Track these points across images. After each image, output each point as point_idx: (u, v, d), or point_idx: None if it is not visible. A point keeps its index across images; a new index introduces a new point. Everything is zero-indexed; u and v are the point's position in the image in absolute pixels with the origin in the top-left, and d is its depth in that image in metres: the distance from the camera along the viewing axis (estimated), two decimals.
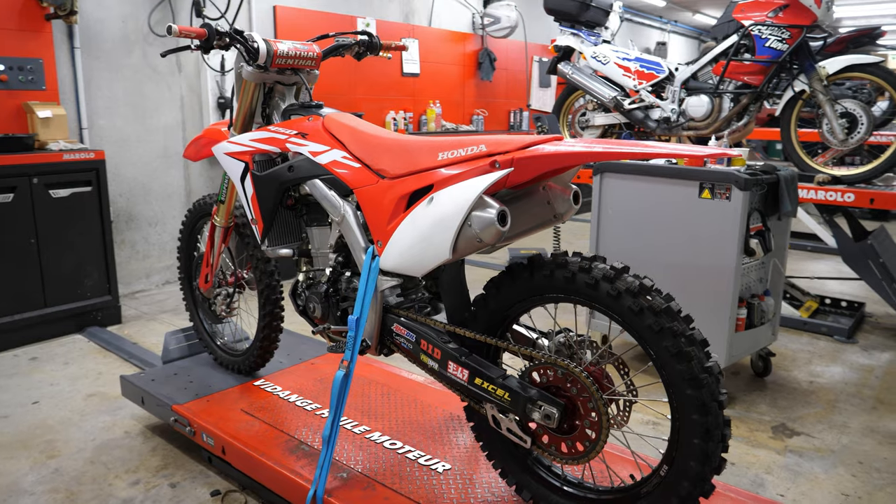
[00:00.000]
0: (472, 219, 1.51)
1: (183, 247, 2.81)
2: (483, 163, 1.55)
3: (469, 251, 1.57)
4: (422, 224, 1.63)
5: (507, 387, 1.60)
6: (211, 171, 5.06)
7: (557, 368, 1.55)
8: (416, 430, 2.20)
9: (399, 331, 1.82)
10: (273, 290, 2.43)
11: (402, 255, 1.70)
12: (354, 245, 1.87)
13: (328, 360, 2.83)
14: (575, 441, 1.57)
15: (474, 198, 1.49)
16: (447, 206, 1.56)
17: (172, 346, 2.84)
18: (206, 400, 2.42)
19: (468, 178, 1.56)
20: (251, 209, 2.09)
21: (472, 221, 1.51)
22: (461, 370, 1.68)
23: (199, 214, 2.69)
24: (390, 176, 1.76)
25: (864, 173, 3.84)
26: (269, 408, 2.35)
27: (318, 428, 2.20)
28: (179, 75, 4.77)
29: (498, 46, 7.71)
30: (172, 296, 4.60)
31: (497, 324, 1.70)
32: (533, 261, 1.61)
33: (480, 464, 1.99)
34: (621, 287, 1.46)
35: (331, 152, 1.90)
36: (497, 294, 1.66)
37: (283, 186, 2.01)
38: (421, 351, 1.77)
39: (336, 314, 2.02)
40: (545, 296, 1.60)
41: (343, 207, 1.88)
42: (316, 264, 2.09)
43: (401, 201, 1.72)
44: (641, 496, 1.54)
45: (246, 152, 2.07)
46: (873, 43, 4.03)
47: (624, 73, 4.59)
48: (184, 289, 2.88)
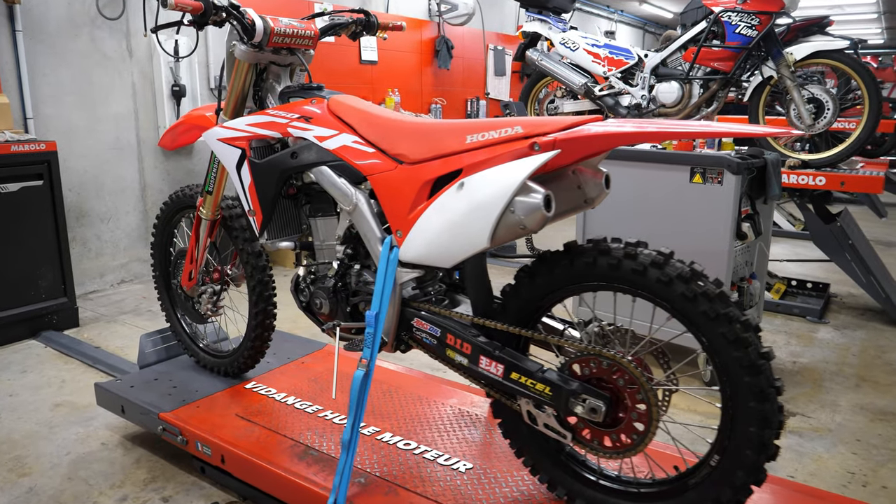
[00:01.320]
0: (514, 204, 1.42)
1: (157, 242, 2.62)
2: (520, 145, 1.46)
3: (508, 239, 1.48)
4: (452, 211, 1.53)
5: (548, 380, 1.52)
6: (167, 163, 4.78)
7: (602, 359, 1.48)
8: (427, 428, 2.10)
9: (420, 325, 1.72)
10: (266, 286, 2.28)
11: (429, 245, 1.59)
12: (369, 236, 1.75)
13: (317, 358, 2.69)
14: (620, 434, 1.51)
15: (519, 182, 1.39)
16: (485, 192, 1.46)
17: (149, 349, 2.64)
18: (196, 406, 2.25)
19: (504, 161, 1.47)
20: (248, 200, 1.93)
21: (516, 207, 1.42)
22: (495, 365, 1.59)
23: (177, 208, 2.50)
24: (410, 161, 1.65)
25: (830, 157, 3.95)
26: (266, 412, 2.21)
27: (323, 431, 2.07)
28: (130, 61, 4.47)
29: (454, 34, 7.60)
30: (129, 296, 4.33)
31: (529, 315, 1.62)
32: (571, 248, 1.53)
33: (503, 460, 1.91)
34: (672, 273, 1.40)
35: (340, 137, 1.77)
36: (531, 283, 1.58)
37: (285, 175, 1.87)
38: (447, 346, 1.67)
39: (346, 310, 1.90)
40: (584, 284, 1.53)
41: (355, 196, 1.75)
42: (319, 257, 1.96)
43: (424, 188, 1.62)
44: (689, 488, 1.50)
45: (242, 138, 1.92)
46: (822, 32, 4.14)
47: (593, 59, 4.57)
48: (158, 288, 2.68)
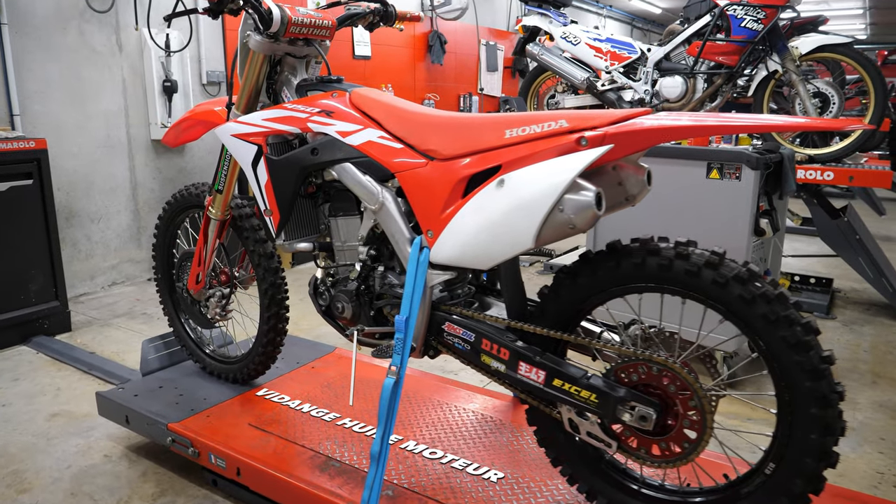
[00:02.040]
0: (564, 202, 1.34)
1: (160, 243, 2.50)
2: (565, 140, 1.38)
3: (554, 239, 1.40)
4: (492, 210, 1.45)
5: (593, 387, 1.45)
6: (158, 161, 4.64)
7: (652, 365, 1.41)
8: (450, 435, 2.02)
9: (452, 330, 1.64)
10: (278, 288, 2.18)
11: (465, 245, 1.51)
12: (397, 236, 1.66)
13: (328, 362, 2.60)
14: (670, 442, 1.44)
15: (570, 179, 1.31)
16: (530, 189, 1.38)
17: (151, 355, 2.52)
18: (206, 415, 2.15)
19: (548, 157, 1.39)
20: (265, 198, 1.83)
21: (565, 205, 1.34)
22: (536, 371, 1.51)
23: (181, 207, 2.39)
24: (442, 157, 1.56)
25: (835, 152, 3.92)
26: (280, 420, 2.11)
27: (344, 440, 1.98)
28: (120, 56, 4.32)
29: (447, 29, 7.51)
30: (122, 298, 4.19)
31: (569, 318, 1.54)
32: (616, 248, 1.46)
33: (534, 468, 1.84)
34: (728, 274, 1.33)
35: (364, 132, 1.68)
36: (572, 285, 1.50)
37: (305, 172, 1.77)
38: (482, 351, 1.59)
39: (369, 314, 1.81)
40: (630, 286, 1.45)
41: (381, 194, 1.66)
42: (340, 259, 1.87)
43: (458, 185, 1.53)
44: (741, 497, 1.43)
45: (259, 133, 1.81)
46: (816, 30, 4.11)
47: (596, 53, 4.51)
48: (161, 291, 2.57)
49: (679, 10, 12.38)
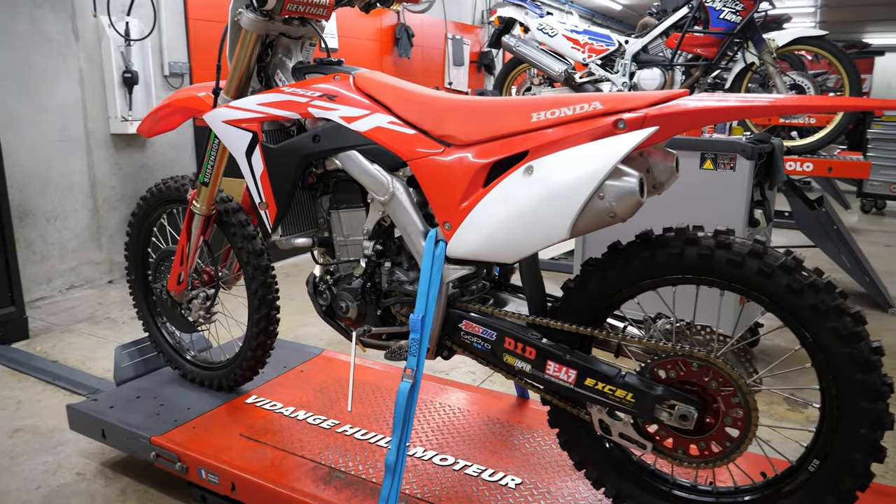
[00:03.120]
0: (605, 189, 1.25)
1: (133, 242, 2.32)
2: (600, 123, 1.29)
3: (590, 229, 1.31)
4: (520, 199, 1.35)
5: (630, 386, 1.36)
6: (118, 156, 4.39)
7: (693, 361, 1.33)
8: (458, 439, 1.92)
9: (470, 328, 1.53)
10: (269, 288, 2.03)
11: (489, 237, 1.40)
12: (409, 229, 1.55)
13: (317, 366, 2.46)
14: (710, 442, 1.37)
15: (613, 163, 1.22)
16: (565, 176, 1.28)
17: (125, 363, 2.34)
18: (192, 427, 1.99)
19: (581, 141, 1.30)
20: (260, 190, 1.69)
21: (606, 192, 1.25)
22: (566, 371, 1.42)
23: (157, 203, 2.22)
24: (461, 143, 1.46)
25: (812, 143, 3.96)
26: (274, 429, 1.97)
27: (346, 449, 1.85)
28: (76, 44, 4.06)
29: (414, 22, 7.38)
30: (82, 302, 3.94)
31: (597, 313, 1.45)
32: (650, 238, 1.37)
33: (550, 472, 1.75)
34: (773, 263, 1.26)
35: (372, 117, 1.56)
36: (602, 277, 1.41)
37: (305, 161, 1.64)
38: (505, 351, 1.49)
39: (376, 314, 1.69)
40: (665, 278, 1.37)
41: (391, 184, 1.55)
42: (341, 255, 1.74)
43: (479, 173, 1.43)
44: (783, 496, 1.37)
45: (253, 119, 1.67)
46: (780, 27, 4.15)
47: (573, 45, 4.46)
48: (134, 293, 2.39)
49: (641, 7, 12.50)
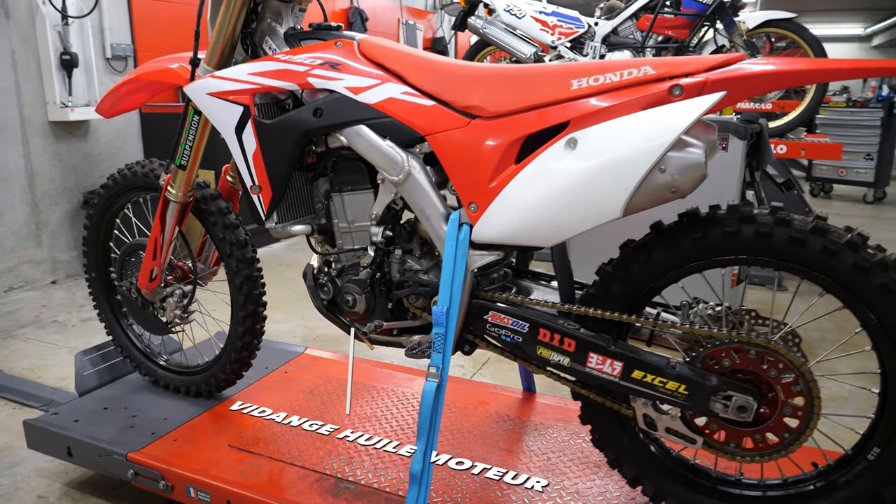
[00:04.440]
0: (667, 161, 1.13)
1: (92, 236, 2.08)
2: (653, 90, 1.17)
3: (645, 206, 1.19)
4: (563, 175, 1.21)
5: (683, 377, 1.25)
6: (58, 146, 4.03)
7: (750, 347, 1.23)
8: (471, 440, 1.78)
9: (498, 320, 1.39)
10: (255, 283, 1.84)
11: (524, 219, 1.27)
12: (428, 211, 1.40)
13: (301, 366, 2.27)
14: (765, 433, 1.27)
15: (678, 132, 1.11)
16: (620, 148, 1.16)
17: (87, 370, 2.10)
18: (173, 439, 1.78)
19: (632, 110, 1.18)
20: (252, 171, 1.51)
21: (668, 165, 1.13)
22: (611, 363, 1.30)
23: (120, 191, 1.98)
24: (489, 115, 1.31)
25: (781, 126, 3.99)
26: (267, 438, 1.78)
27: (350, 456, 1.69)
28: (7, 23, 3.69)
29: (368, 5, 7.15)
30: (24, 305, 3.61)
31: (637, 299, 1.34)
32: (697, 217, 1.27)
33: (577, 471, 1.63)
34: (839, 240, 1.17)
35: (383, 87, 1.40)
36: (647, 261, 1.30)
37: (305, 138, 1.46)
38: (539, 343, 1.36)
39: (386, 307, 1.53)
40: (715, 259, 1.27)
41: (407, 162, 1.39)
42: (344, 243, 1.57)
43: (510, 148, 1.29)
44: (839, 486, 1.29)
45: (245, 92, 1.48)
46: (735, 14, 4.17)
47: (541, 27, 4.35)
48: (95, 293, 2.15)
49: None
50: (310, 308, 3.54)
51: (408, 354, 1.44)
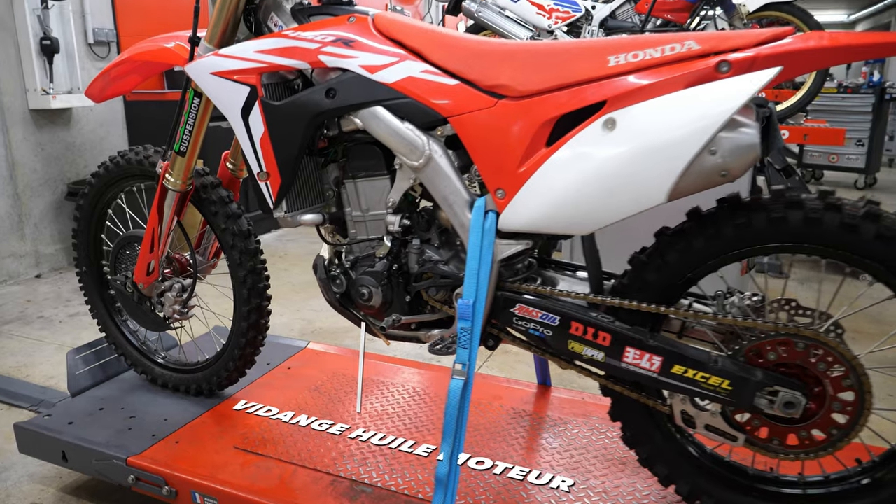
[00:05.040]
0: (718, 143, 1.05)
1: (82, 227, 1.97)
2: (699, 66, 1.09)
3: (691, 190, 1.12)
4: (602, 158, 1.14)
5: (726, 372, 1.19)
6: (40, 135, 3.88)
7: (798, 340, 1.17)
8: (488, 438, 1.71)
9: (526, 313, 1.32)
10: (259, 275, 1.75)
11: (557, 206, 1.19)
12: (451, 198, 1.31)
13: (304, 361, 2.19)
14: (811, 430, 1.21)
15: (732, 111, 1.03)
16: (664, 128, 1.08)
17: (80, 369, 2.00)
18: (174, 441, 1.69)
19: (675, 88, 1.10)
20: (260, 156, 1.41)
21: (720, 146, 1.06)
22: (649, 357, 1.23)
23: (112, 180, 1.87)
24: (517, 94, 1.23)
25: (782, 111, 3.94)
26: (274, 439, 1.70)
27: (364, 457, 1.61)
28: None
29: None
30: (8, 301, 3.47)
31: (673, 289, 1.27)
32: (739, 201, 1.19)
33: (602, 469, 1.57)
34: (893, 226, 1.10)
35: (401, 65, 1.30)
36: (686, 249, 1.22)
37: (317, 120, 1.37)
38: (571, 337, 1.28)
39: (404, 299, 1.44)
40: (759, 247, 1.20)
41: (427, 145, 1.30)
42: (357, 233, 1.48)
43: (541, 130, 1.21)
44: (885, 484, 1.23)
45: (251, 70, 1.38)
46: None
47: (538, 11, 4.26)
48: (86, 288, 2.04)
49: None
50: (306, 300, 3.45)
51: (432, 351, 1.36)
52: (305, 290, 3.61)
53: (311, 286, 3.60)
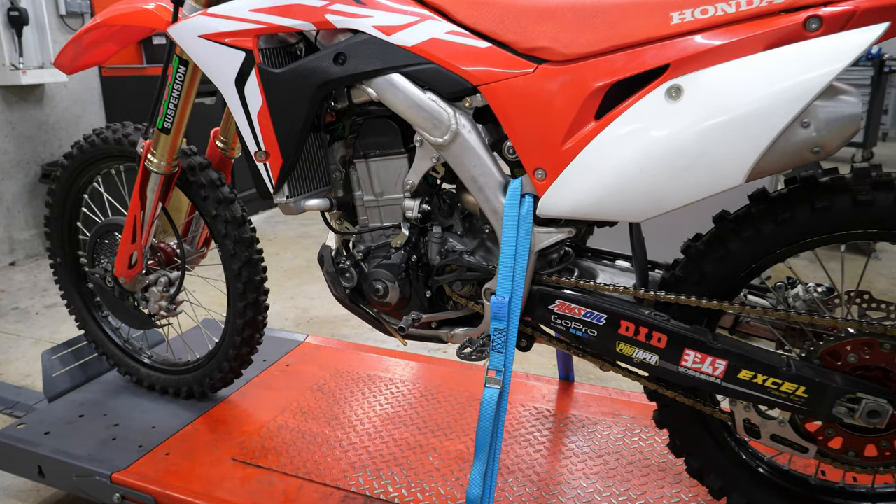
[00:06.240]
0: (812, 113, 0.89)
1: (55, 215, 1.78)
2: (783, 22, 0.92)
3: (773, 171, 0.96)
4: (664, 133, 0.97)
5: (801, 378, 1.04)
6: (10, 113, 3.63)
7: (885, 341, 1.02)
8: (510, 441, 1.56)
9: (567, 311, 1.15)
10: (255, 267, 1.57)
11: (609, 188, 1.03)
12: (482, 180, 1.14)
13: (303, 357, 2.02)
14: (893, 440, 1.07)
15: (830, 77, 0.86)
16: (745, 97, 0.91)
17: (57, 371, 1.81)
18: (165, 453, 1.52)
19: (755, 49, 0.93)
20: (258, 133, 1.23)
21: (814, 117, 0.89)
22: (712, 362, 1.07)
23: (89, 160, 1.68)
24: (561, 59, 1.05)
25: None
26: (276, 449, 1.53)
27: (378, 469, 1.45)
28: None
29: None
30: None
31: (735, 281, 1.11)
32: (815, 181, 1.03)
33: (641, 477, 1.43)
34: None
35: (423, 25, 1.12)
36: (754, 236, 1.07)
37: (324, 90, 1.18)
38: (619, 338, 1.12)
39: (424, 295, 1.28)
40: (838, 234, 1.04)
41: (454, 118, 1.13)
42: (369, 219, 1.31)
43: (590, 100, 1.04)
44: None
45: (246, 32, 1.19)
46: None
47: None
48: (61, 281, 1.85)
49: None
50: (299, 286, 3.27)
51: (461, 356, 1.20)
52: (298, 276, 3.42)
53: (303, 271, 3.43)
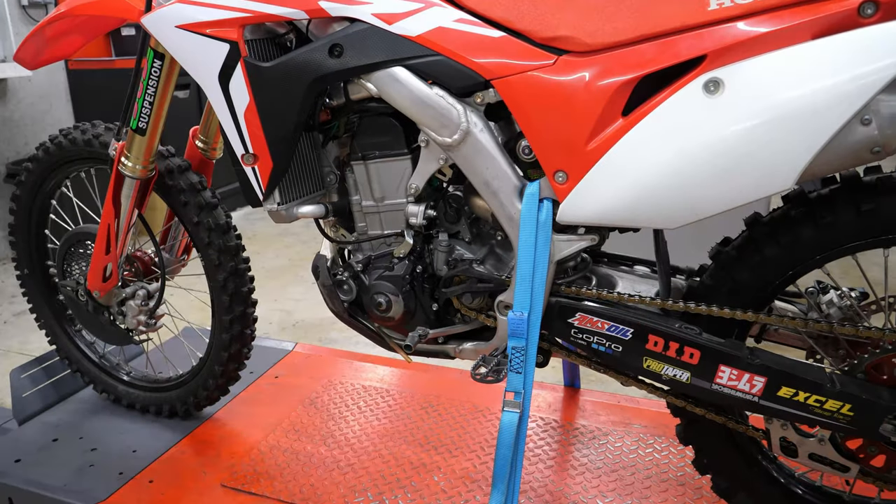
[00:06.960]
0: (875, 109, 0.80)
1: (20, 223, 1.64)
2: (834, 9, 0.84)
3: (825, 173, 0.88)
4: (703, 131, 0.88)
5: (846, 395, 0.96)
6: None
7: None
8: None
9: (589, 324, 1.06)
10: (241, 277, 1.46)
11: (640, 193, 0.94)
12: (495, 183, 1.04)
13: (293, 368, 1.91)
14: None
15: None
16: (794, 92, 0.83)
17: (28, 390, 1.68)
18: (148, 480, 1.41)
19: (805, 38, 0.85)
20: (245, 134, 1.11)
21: (875, 115, 0.81)
22: (750, 379, 0.99)
23: (56, 163, 1.54)
24: (583, 49, 0.96)
25: None
26: (269, 472, 1.43)
27: (381, 492, 1.36)
28: None
29: None
30: None
31: (769, 289, 1.03)
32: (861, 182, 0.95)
33: (660, 493, 1.35)
34: None
35: (428, 12, 1.02)
36: (793, 241, 0.98)
37: (319, 85, 1.07)
38: (647, 354, 1.03)
39: (431, 309, 1.18)
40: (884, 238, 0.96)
41: (464, 116, 1.02)
42: (369, 227, 1.21)
43: (617, 95, 0.94)
44: None
45: (230, 22, 1.07)
46: None
47: None
48: (30, 294, 1.71)
49: None
50: (283, 287, 3.14)
51: (477, 377, 1.10)
52: (281, 276, 3.30)
53: (286, 271, 3.30)
